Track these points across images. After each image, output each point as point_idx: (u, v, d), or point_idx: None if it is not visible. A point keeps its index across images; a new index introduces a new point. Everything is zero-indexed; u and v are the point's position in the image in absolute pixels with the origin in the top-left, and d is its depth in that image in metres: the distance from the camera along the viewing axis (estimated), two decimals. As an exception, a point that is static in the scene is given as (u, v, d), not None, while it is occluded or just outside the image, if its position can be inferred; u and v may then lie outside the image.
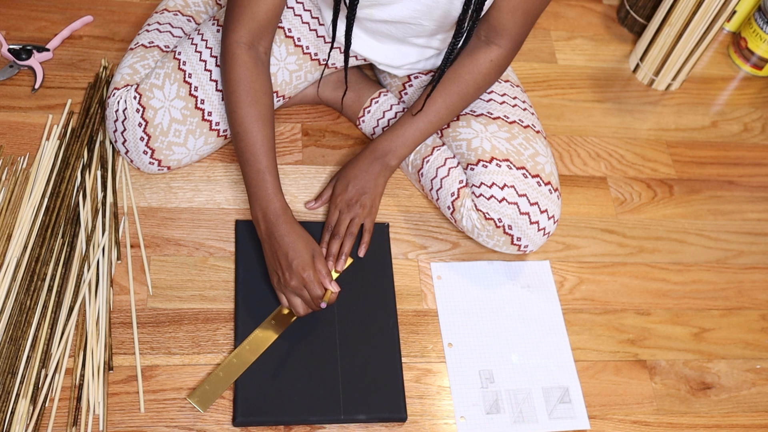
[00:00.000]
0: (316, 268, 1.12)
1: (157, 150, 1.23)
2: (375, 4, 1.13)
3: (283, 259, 1.12)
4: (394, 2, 1.13)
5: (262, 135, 1.14)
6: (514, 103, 1.29)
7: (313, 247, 1.14)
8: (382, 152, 1.27)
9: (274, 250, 1.13)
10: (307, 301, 1.14)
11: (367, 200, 1.26)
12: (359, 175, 1.27)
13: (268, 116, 1.16)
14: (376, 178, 1.27)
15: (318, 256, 1.13)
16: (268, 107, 1.16)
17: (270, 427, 1.11)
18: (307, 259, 1.12)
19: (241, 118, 1.14)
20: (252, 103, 1.14)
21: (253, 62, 1.14)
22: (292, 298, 1.14)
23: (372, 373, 1.16)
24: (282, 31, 1.24)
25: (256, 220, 1.15)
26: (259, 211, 1.14)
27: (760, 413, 1.26)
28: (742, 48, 1.68)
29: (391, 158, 1.27)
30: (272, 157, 1.15)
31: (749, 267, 1.41)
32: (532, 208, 1.21)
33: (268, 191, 1.13)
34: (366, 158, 1.27)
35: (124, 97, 1.22)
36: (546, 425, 1.18)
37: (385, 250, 1.28)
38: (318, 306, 1.13)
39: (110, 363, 1.12)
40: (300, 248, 1.12)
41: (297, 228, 1.14)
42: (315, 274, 1.12)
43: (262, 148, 1.14)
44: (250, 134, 1.14)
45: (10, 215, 1.21)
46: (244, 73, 1.14)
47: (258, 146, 1.13)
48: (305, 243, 1.13)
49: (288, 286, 1.13)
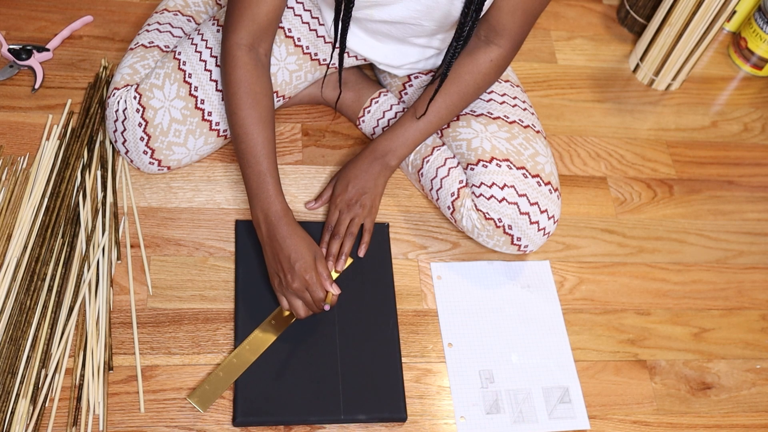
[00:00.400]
0: (317, 270, 1.12)
1: (157, 150, 1.23)
2: (374, 5, 1.13)
3: (285, 262, 1.12)
4: (393, 3, 1.13)
5: (263, 137, 1.14)
6: (514, 103, 1.29)
7: (314, 249, 1.14)
8: (382, 152, 1.27)
9: (276, 253, 1.13)
10: (308, 304, 1.13)
11: (367, 200, 1.26)
12: (359, 175, 1.27)
13: (269, 118, 1.15)
14: (376, 178, 1.27)
15: (319, 258, 1.13)
16: (269, 109, 1.16)
17: (270, 427, 1.11)
18: (310, 261, 1.11)
19: (242, 120, 1.14)
20: (253, 105, 1.14)
21: (253, 64, 1.14)
22: (293, 301, 1.14)
23: (372, 373, 1.16)
24: (282, 31, 1.24)
25: (257, 222, 1.15)
26: (261, 213, 1.14)
27: (760, 413, 1.26)
28: (742, 48, 1.68)
29: (391, 158, 1.27)
30: (273, 159, 1.14)
31: (749, 267, 1.41)
32: (532, 208, 1.21)
33: (270, 193, 1.13)
34: (366, 158, 1.27)
35: (124, 97, 1.22)
36: (546, 425, 1.18)
37: (385, 250, 1.28)
38: (320, 308, 1.13)
39: (110, 363, 1.12)
40: (302, 251, 1.12)
41: (299, 230, 1.14)
42: (317, 277, 1.11)
43: (263, 150, 1.13)
44: (251, 136, 1.13)
45: (10, 215, 1.21)
46: (244, 75, 1.13)
47: (259, 148, 1.13)
48: (307, 245, 1.13)
49: (290, 288, 1.12)
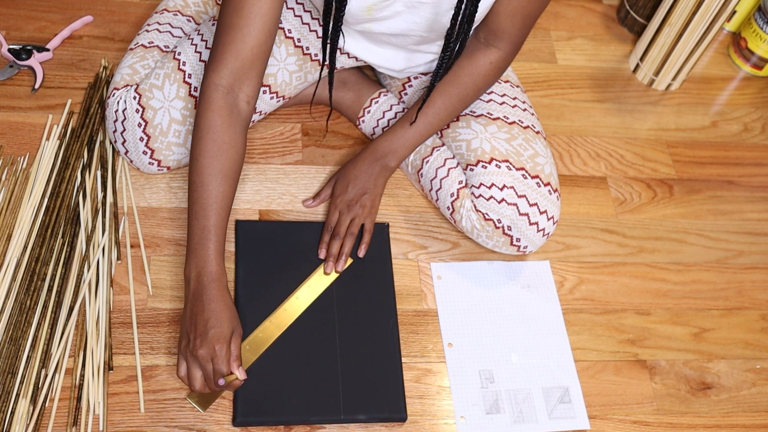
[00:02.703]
0: (230, 346, 1.03)
1: (156, 150, 1.23)
2: (371, 20, 1.13)
3: (201, 325, 1.03)
4: (391, 17, 1.12)
5: (219, 191, 1.06)
6: (513, 103, 1.29)
7: (235, 324, 1.05)
8: (382, 153, 1.27)
9: (195, 313, 1.04)
10: (207, 376, 1.03)
11: (367, 200, 1.26)
12: (359, 176, 1.27)
13: (231, 172, 1.08)
14: (376, 178, 1.27)
15: (236, 336, 1.04)
16: (234, 161, 1.08)
17: (270, 427, 1.11)
18: (227, 333, 1.03)
19: (200, 168, 1.06)
20: (215, 154, 1.06)
21: (228, 110, 1.07)
22: (193, 369, 1.04)
23: (372, 373, 1.16)
24: (282, 32, 1.24)
25: (187, 277, 1.06)
26: (194, 269, 1.06)
27: (760, 413, 1.26)
28: (742, 48, 1.68)
29: (391, 159, 1.27)
30: (224, 216, 1.07)
31: (749, 267, 1.41)
32: (532, 209, 1.21)
33: (209, 253, 1.05)
34: (366, 159, 1.27)
35: (123, 98, 1.22)
36: (546, 425, 1.18)
37: (385, 250, 1.28)
38: (215, 382, 1.03)
39: (110, 363, 1.12)
40: (223, 320, 1.03)
41: (227, 299, 1.06)
42: (227, 352, 1.02)
43: (214, 204, 1.06)
44: (205, 187, 1.06)
45: (10, 215, 1.21)
46: (214, 121, 1.06)
47: (210, 201, 1.06)
48: (229, 317, 1.04)
49: (195, 353, 1.02)
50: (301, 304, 1.20)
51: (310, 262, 1.24)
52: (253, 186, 1.33)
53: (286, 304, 1.19)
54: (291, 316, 1.18)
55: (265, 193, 1.32)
